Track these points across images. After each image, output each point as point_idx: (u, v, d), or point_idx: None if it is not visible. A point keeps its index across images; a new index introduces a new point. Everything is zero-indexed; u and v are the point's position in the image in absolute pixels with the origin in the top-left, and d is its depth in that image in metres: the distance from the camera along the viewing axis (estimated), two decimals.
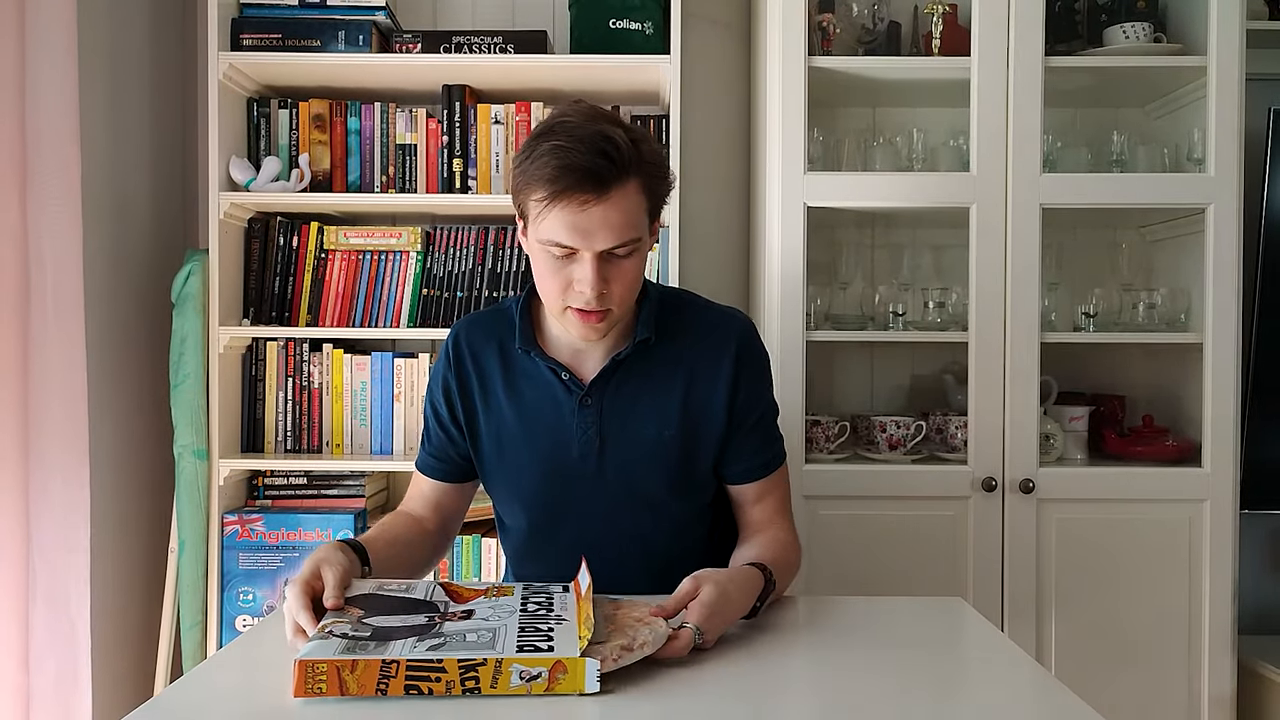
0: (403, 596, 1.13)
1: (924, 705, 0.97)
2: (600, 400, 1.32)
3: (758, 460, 1.37)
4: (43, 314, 1.79)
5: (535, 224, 1.21)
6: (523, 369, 1.35)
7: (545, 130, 1.20)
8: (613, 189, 1.17)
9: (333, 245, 2.20)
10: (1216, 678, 2.06)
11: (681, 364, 1.34)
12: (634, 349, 1.32)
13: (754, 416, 1.36)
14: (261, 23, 2.14)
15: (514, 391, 1.35)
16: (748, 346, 1.36)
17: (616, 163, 1.17)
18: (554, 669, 0.93)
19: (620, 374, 1.33)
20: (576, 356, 1.34)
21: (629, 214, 1.19)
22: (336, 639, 0.98)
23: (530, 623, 1.05)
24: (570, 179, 1.15)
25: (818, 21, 2.16)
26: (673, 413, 1.33)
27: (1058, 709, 0.96)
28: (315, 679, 0.92)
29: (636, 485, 1.33)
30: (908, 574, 2.05)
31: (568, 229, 1.18)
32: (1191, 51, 2.13)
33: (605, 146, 1.16)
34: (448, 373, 1.38)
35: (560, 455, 1.33)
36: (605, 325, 1.26)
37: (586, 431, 1.32)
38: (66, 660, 1.85)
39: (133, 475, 2.21)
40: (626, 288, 1.24)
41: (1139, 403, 2.36)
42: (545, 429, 1.33)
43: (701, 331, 1.36)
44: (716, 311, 1.40)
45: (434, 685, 0.93)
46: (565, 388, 1.33)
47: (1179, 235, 2.25)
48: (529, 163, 1.18)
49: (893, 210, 2.23)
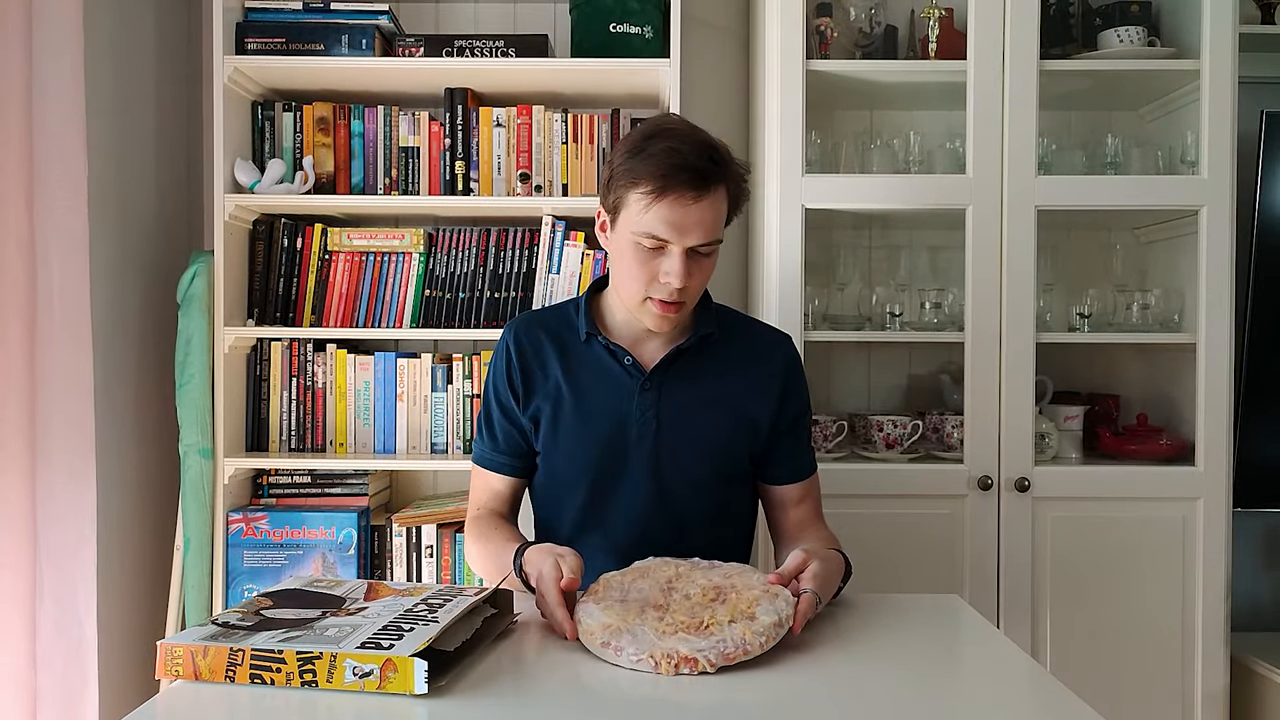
0: (318, 592, 1.15)
1: (920, 701, 0.97)
2: (660, 385, 1.41)
3: (800, 462, 1.48)
4: (49, 314, 1.79)
5: (634, 216, 1.30)
6: (581, 357, 1.44)
7: (656, 132, 1.31)
8: (711, 191, 1.29)
9: (336, 246, 2.20)
10: (1210, 673, 2.07)
11: (736, 365, 1.44)
12: (697, 342, 1.41)
13: (797, 422, 1.47)
14: (266, 27, 2.14)
15: (573, 376, 1.43)
16: (796, 364, 1.49)
17: (719, 166, 1.29)
18: (384, 667, 0.93)
19: (680, 363, 1.42)
20: (637, 345, 1.43)
21: (718, 216, 1.31)
22: (214, 626, 1.02)
23: (398, 620, 1.03)
24: (681, 176, 1.26)
25: (815, 25, 2.16)
26: (724, 405, 1.42)
27: (1053, 704, 0.96)
28: (173, 662, 0.97)
29: (685, 466, 1.40)
30: (905, 571, 2.06)
31: (666, 223, 1.28)
32: (1185, 55, 2.13)
33: (711, 153, 1.28)
34: (508, 365, 1.45)
35: (619, 433, 1.40)
36: (678, 316, 1.36)
37: (645, 413, 1.40)
38: (73, 657, 1.85)
39: (138, 474, 2.21)
40: (702, 283, 1.36)
41: (1133, 402, 2.36)
42: (604, 410, 1.41)
43: (757, 342, 1.49)
44: (770, 329, 1.55)
45: (275, 675, 0.95)
46: (627, 372, 1.41)
47: (1173, 237, 2.25)
48: (638, 159, 1.28)
49: (890, 212, 2.23)
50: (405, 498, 2.42)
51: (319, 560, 2.14)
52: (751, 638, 1.04)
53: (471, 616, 1.07)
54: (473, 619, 1.07)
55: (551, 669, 1.06)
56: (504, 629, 1.14)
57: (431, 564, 2.17)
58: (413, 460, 2.17)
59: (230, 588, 2.12)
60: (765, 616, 1.07)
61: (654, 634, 1.05)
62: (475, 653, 1.06)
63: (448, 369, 2.21)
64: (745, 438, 1.43)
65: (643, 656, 1.02)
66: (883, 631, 1.18)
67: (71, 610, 1.84)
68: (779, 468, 1.47)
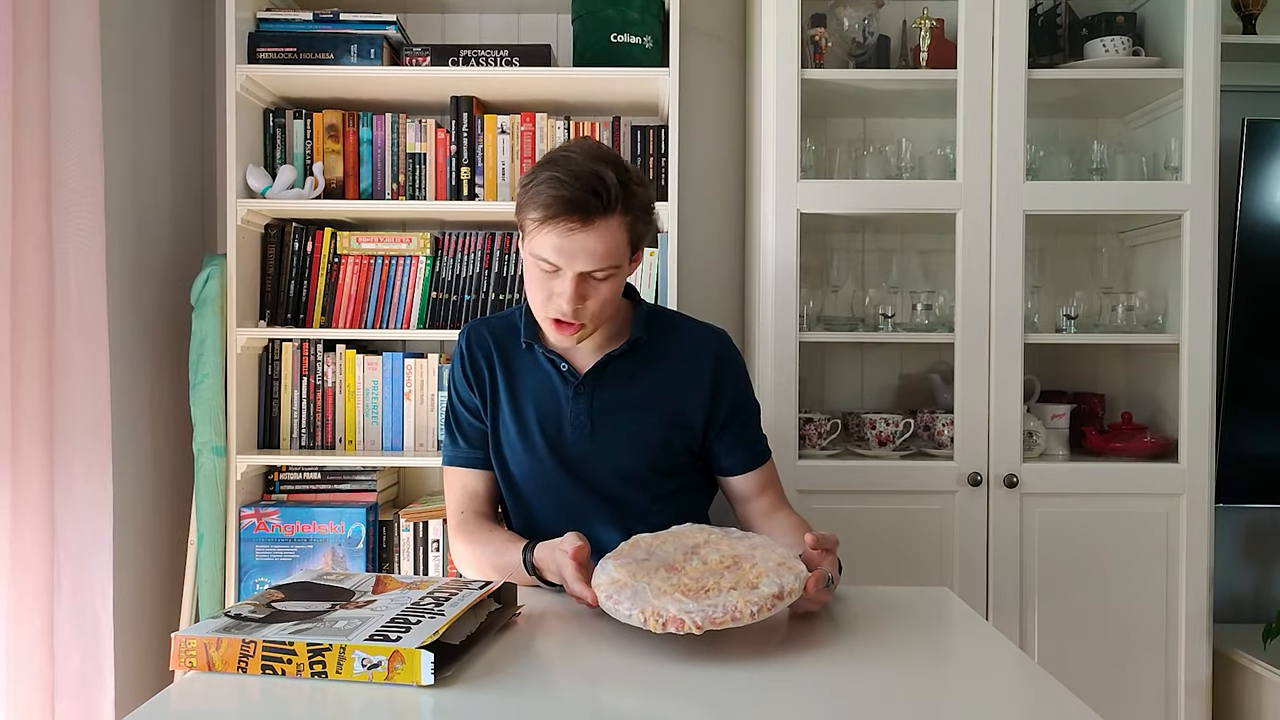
0: (328, 585, 1.15)
1: (912, 691, 0.97)
2: (593, 389, 1.42)
3: (747, 451, 1.47)
4: (67, 317, 1.79)
5: (529, 240, 1.32)
6: (523, 363, 1.46)
7: (549, 161, 1.31)
8: (596, 221, 1.28)
9: (345, 250, 2.20)
10: (1192, 664, 2.07)
11: (667, 363, 1.45)
12: (627, 347, 1.43)
13: (735, 414, 1.46)
14: (277, 37, 2.14)
15: (514, 382, 1.45)
16: (726, 356, 1.48)
17: (603, 199, 1.27)
18: (392, 659, 0.93)
19: (612, 368, 1.43)
20: (570, 352, 1.44)
21: (609, 244, 1.30)
22: (227, 618, 1.02)
23: (406, 614, 1.03)
24: (560, 208, 1.26)
25: (810, 35, 2.16)
26: (656, 403, 1.43)
27: (1040, 694, 0.96)
28: (187, 653, 0.97)
29: (621, 462, 1.42)
30: (897, 565, 2.06)
31: (554, 250, 1.29)
32: (1169, 64, 2.13)
33: (596, 185, 1.27)
34: (465, 367, 1.48)
35: (556, 435, 1.42)
36: (577, 336, 1.37)
37: (579, 416, 1.42)
38: (90, 650, 1.85)
39: (154, 471, 2.21)
40: (601, 305, 1.35)
41: (1118, 401, 2.36)
42: (542, 413, 1.43)
43: (687, 340, 1.48)
44: (701, 325, 1.52)
45: (286, 666, 0.95)
46: (563, 377, 1.43)
47: (1157, 240, 2.25)
48: (530, 187, 1.30)
49: (882, 216, 2.23)
50: (412, 493, 2.43)
51: (329, 554, 2.14)
52: (744, 606, 1.02)
53: (476, 610, 1.07)
54: (478, 613, 1.07)
55: (555, 660, 1.06)
56: (508, 621, 1.14)
57: (438, 557, 2.17)
58: (419, 457, 2.17)
59: (243, 581, 2.12)
60: (766, 588, 1.05)
61: (652, 593, 1.04)
62: (480, 644, 1.06)
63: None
64: (679, 434, 1.43)
65: (634, 612, 1.03)
66: (874, 623, 1.18)
67: (88, 603, 1.84)
68: (726, 459, 1.46)
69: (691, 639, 1.07)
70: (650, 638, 1.07)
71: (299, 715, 0.90)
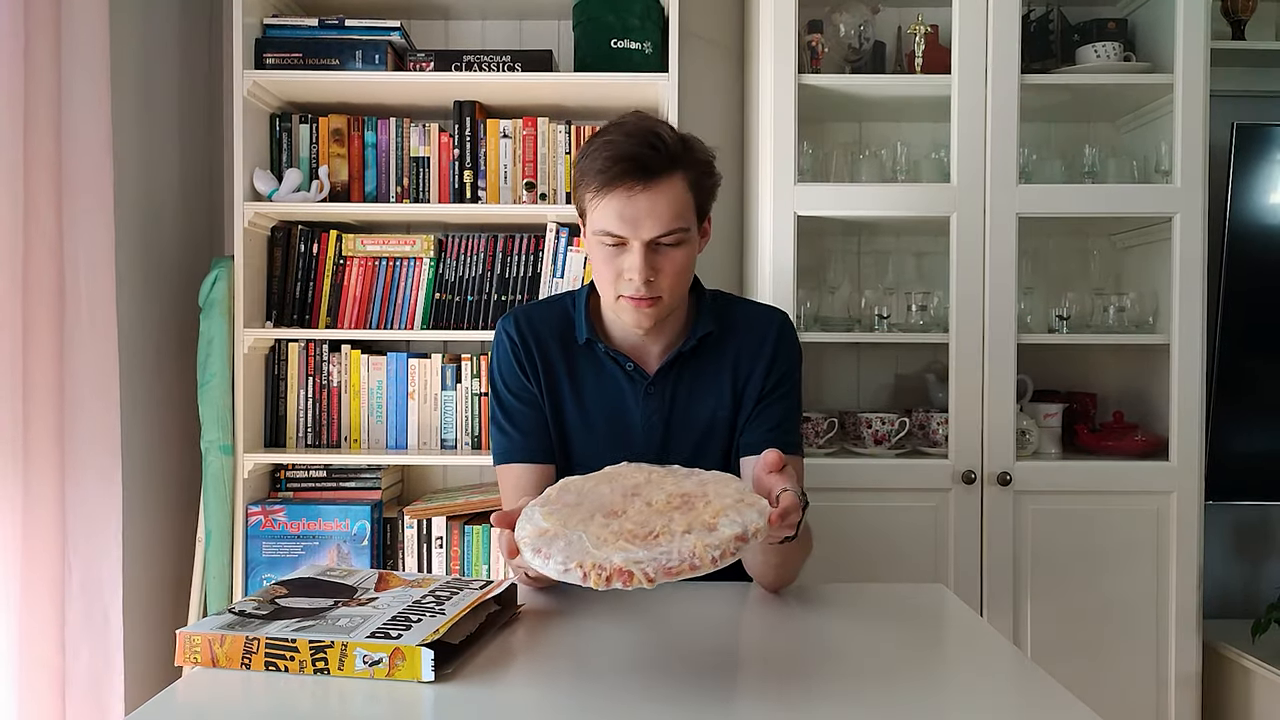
0: (331, 581, 1.14)
1: (907, 686, 0.96)
2: (664, 389, 1.34)
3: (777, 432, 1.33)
4: (77, 318, 1.79)
5: (592, 217, 1.23)
6: (582, 359, 1.35)
7: (600, 133, 1.24)
8: (659, 178, 1.19)
9: (350, 252, 2.20)
10: (1182, 658, 2.06)
11: (730, 351, 1.35)
12: (695, 342, 1.33)
13: (780, 391, 1.35)
14: (284, 43, 2.14)
15: (577, 380, 1.34)
16: (785, 334, 1.38)
17: (662, 153, 1.19)
18: (393, 656, 0.93)
19: (681, 365, 1.34)
20: (637, 350, 1.35)
21: (675, 205, 1.21)
22: (231, 614, 1.01)
23: (407, 611, 1.02)
24: (619, 168, 1.18)
25: (807, 41, 2.16)
26: (725, 394, 1.34)
27: (1033, 689, 0.96)
28: (192, 649, 0.97)
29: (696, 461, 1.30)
30: (892, 562, 2.05)
31: (616, 218, 1.20)
32: (1159, 70, 2.13)
33: (652, 140, 1.19)
34: (519, 353, 1.34)
35: (626, 437, 1.33)
36: (655, 312, 1.26)
37: (651, 417, 1.33)
38: (99, 645, 1.84)
39: (162, 470, 2.21)
40: (675, 277, 1.24)
41: (1110, 400, 2.36)
42: (610, 415, 1.33)
43: (748, 322, 1.38)
44: (760, 306, 1.44)
45: (289, 663, 0.94)
46: (629, 377, 1.33)
47: (1147, 242, 2.25)
48: (584, 160, 1.22)
49: (878, 219, 2.23)
50: (416, 491, 2.42)
51: (334, 551, 2.13)
52: (703, 551, 0.85)
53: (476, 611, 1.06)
54: (478, 612, 1.07)
55: (554, 657, 1.05)
56: (508, 619, 1.14)
57: (441, 555, 2.16)
58: (424, 455, 2.17)
59: (249, 577, 2.12)
60: (726, 528, 0.87)
61: (590, 541, 0.87)
62: (480, 641, 1.05)
63: (457, 368, 2.21)
64: (733, 410, 1.35)
65: (570, 566, 0.85)
66: (870, 619, 1.17)
67: (98, 600, 1.83)
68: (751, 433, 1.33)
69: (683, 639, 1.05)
70: (649, 633, 1.07)
71: (302, 710, 0.90)
